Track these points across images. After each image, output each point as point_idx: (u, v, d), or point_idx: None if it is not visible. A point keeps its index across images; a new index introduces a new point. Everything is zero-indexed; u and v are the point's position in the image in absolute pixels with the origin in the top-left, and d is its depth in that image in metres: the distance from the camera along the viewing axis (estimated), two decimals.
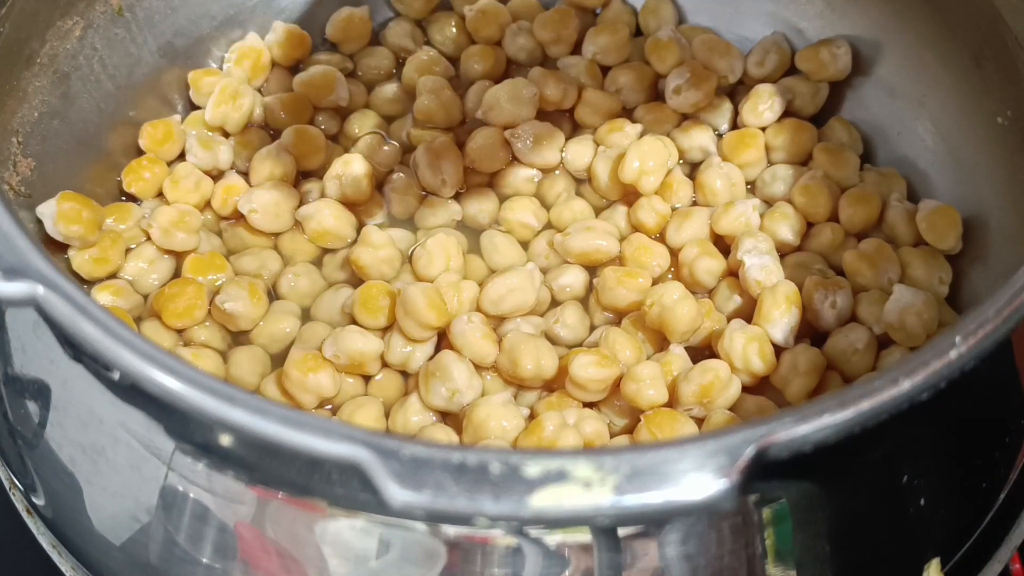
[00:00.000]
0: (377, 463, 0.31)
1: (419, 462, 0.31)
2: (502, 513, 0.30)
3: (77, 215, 0.52)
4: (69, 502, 0.42)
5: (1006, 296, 0.34)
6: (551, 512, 0.30)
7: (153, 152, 0.59)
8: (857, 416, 0.32)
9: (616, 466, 0.31)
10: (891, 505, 0.38)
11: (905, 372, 0.33)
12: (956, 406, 0.39)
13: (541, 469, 0.31)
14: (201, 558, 0.39)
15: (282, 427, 0.31)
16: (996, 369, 0.41)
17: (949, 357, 0.33)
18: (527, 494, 0.30)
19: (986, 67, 0.54)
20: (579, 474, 0.31)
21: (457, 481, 0.30)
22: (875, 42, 0.60)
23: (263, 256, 0.57)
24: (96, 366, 0.39)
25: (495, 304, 0.53)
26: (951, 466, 0.40)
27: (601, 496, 0.30)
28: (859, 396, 0.32)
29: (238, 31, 0.63)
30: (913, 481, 0.38)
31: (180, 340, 0.54)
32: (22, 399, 0.43)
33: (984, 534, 0.43)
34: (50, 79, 0.54)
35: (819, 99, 0.61)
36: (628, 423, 0.51)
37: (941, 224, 0.55)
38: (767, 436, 0.31)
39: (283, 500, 0.37)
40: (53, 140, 0.55)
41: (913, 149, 0.59)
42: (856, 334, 0.52)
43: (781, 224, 0.56)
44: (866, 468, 0.37)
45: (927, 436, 0.38)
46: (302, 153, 0.59)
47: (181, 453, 0.38)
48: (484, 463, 0.31)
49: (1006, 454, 0.42)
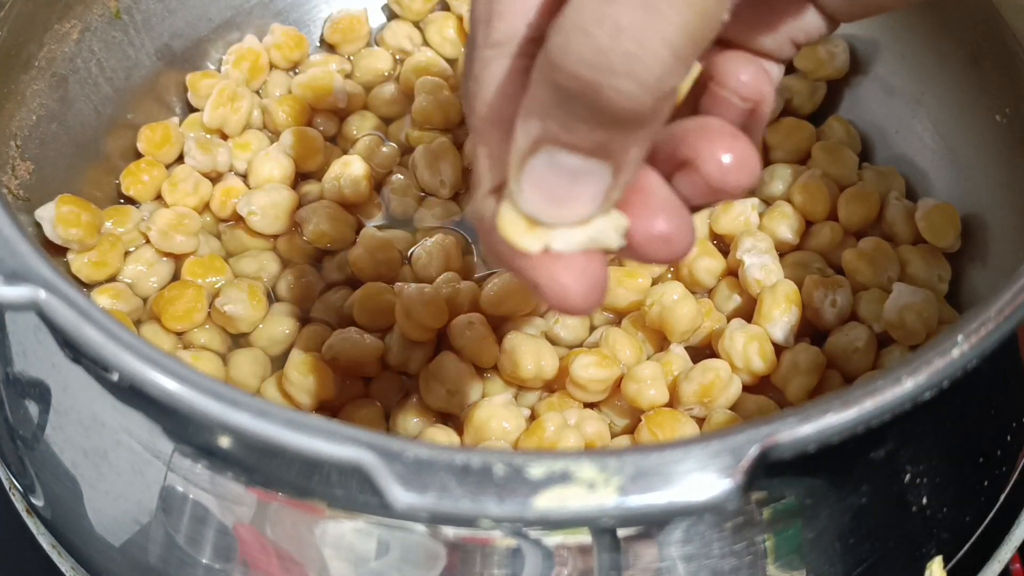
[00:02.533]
0: (381, 465, 0.31)
1: (423, 464, 0.31)
2: (506, 515, 0.30)
3: (76, 218, 0.52)
4: (68, 504, 0.42)
5: (1009, 294, 0.34)
6: (555, 513, 0.30)
7: (151, 155, 0.58)
8: (860, 416, 0.32)
9: (620, 467, 0.31)
10: (894, 504, 0.38)
11: (908, 371, 0.33)
12: (959, 404, 0.39)
13: (545, 471, 0.31)
14: (201, 559, 0.39)
15: (285, 430, 0.31)
16: (998, 367, 0.41)
17: (952, 356, 0.33)
18: (531, 496, 0.30)
19: (984, 65, 0.54)
20: (583, 475, 0.31)
21: (461, 483, 0.30)
22: (873, 40, 0.60)
23: (262, 258, 0.57)
24: (96, 368, 0.39)
25: (495, 305, 0.53)
26: (954, 464, 0.40)
27: (605, 497, 0.30)
28: (862, 396, 0.32)
29: (236, 33, 0.63)
30: (916, 480, 0.38)
31: (180, 343, 0.54)
32: (22, 400, 0.43)
33: (985, 533, 0.43)
34: (48, 82, 0.54)
35: (817, 98, 0.61)
36: (629, 423, 0.51)
37: (940, 222, 0.55)
38: (771, 436, 0.31)
39: (283, 502, 0.37)
40: (51, 143, 0.55)
41: (912, 147, 0.59)
42: (856, 332, 0.52)
43: (780, 223, 0.56)
44: (869, 467, 0.37)
45: (930, 435, 0.38)
46: (301, 155, 0.59)
47: (180, 455, 0.38)
48: (488, 465, 0.31)
49: (1008, 452, 0.42)
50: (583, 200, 0.29)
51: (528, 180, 0.29)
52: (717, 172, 0.31)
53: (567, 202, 0.29)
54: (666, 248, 0.31)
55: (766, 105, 0.33)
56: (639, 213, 0.31)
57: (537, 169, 0.29)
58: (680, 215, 0.31)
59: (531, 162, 0.29)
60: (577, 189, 0.29)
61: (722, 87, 0.33)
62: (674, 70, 0.27)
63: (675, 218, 0.31)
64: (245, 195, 0.57)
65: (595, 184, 0.29)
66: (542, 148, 0.29)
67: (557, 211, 0.29)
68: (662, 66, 0.26)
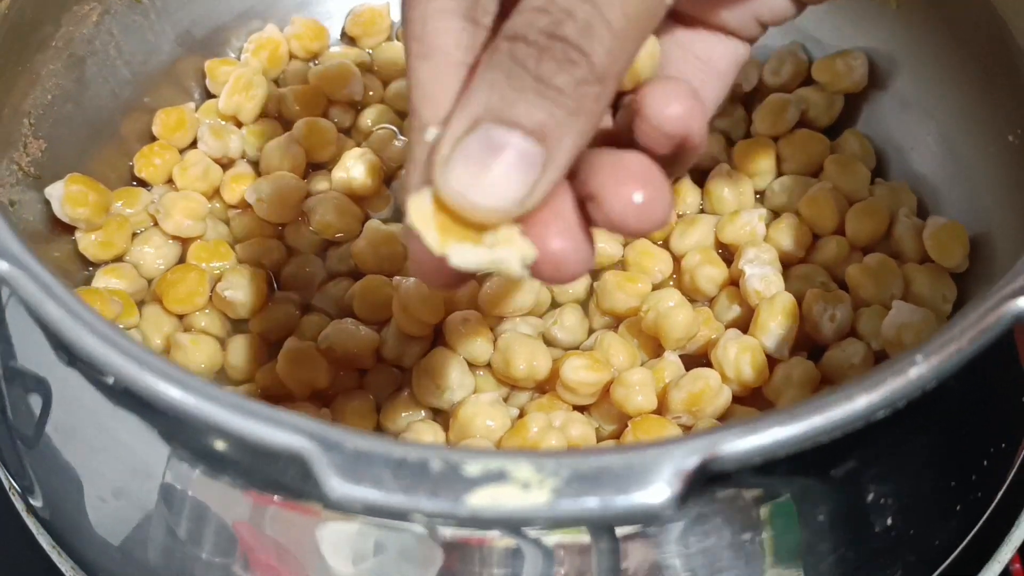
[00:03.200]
0: (320, 454, 0.31)
1: (361, 455, 0.31)
2: (438, 511, 0.30)
3: (84, 198, 0.53)
4: (68, 504, 0.43)
5: (973, 316, 0.34)
6: (487, 512, 0.30)
7: (165, 139, 0.59)
8: (809, 431, 0.32)
9: (556, 469, 0.30)
10: (856, 523, 0.38)
11: (862, 389, 0.32)
12: (927, 425, 0.38)
13: (481, 468, 0.31)
14: (200, 557, 0.39)
15: (229, 413, 0.32)
16: (972, 391, 0.40)
17: (908, 376, 0.33)
18: (465, 493, 0.30)
19: (998, 84, 0.53)
20: (519, 475, 0.30)
21: (396, 476, 0.30)
22: (891, 56, 0.59)
23: (268, 245, 0.57)
24: (92, 371, 0.39)
25: (493, 303, 0.53)
26: (922, 487, 0.39)
27: (538, 499, 0.30)
28: (811, 411, 0.32)
29: (257, 22, 0.64)
30: (880, 500, 0.38)
31: (181, 326, 0.55)
32: (21, 401, 0.44)
33: (982, 535, 0.42)
34: (64, 63, 0.55)
35: (834, 111, 0.61)
36: (616, 428, 0.51)
37: (947, 241, 0.54)
38: (713, 448, 0.31)
39: (279, 504, 0.37)
40: (65, 123, 0.55)
41: (926, 165, 0.58)
42: (853, 349, 0.51)
43: (786, 235, 0.56)
44: (829, 485, 0.37)
45: (896, 455, 0.38)
46: (312, 145, 0.59)
47: (177, 458, 0.38)
48: (425, 460, 0.31)
49: (986, 477, 0.41)
50: (510, 183, 0.30)
51: (459, 156, 0.30)
52: (620, 213, 0.31)
53: (494, 184, 0.30)
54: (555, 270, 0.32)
55: (694, 140, 0.33)
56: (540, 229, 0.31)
57: (471, 146, 0.30)
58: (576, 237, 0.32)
59: (466, 140, 0.30)
60: (506, 170, 0.30)
61: (646, 119, 0.33)
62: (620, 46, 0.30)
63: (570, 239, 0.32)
64: (254, 183, 0.57)
65: (525, 169, 0.30)
66: (480, 126, 0.30)
67: (481, 190, 0.30)
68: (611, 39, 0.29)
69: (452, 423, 0.50)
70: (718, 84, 0.41)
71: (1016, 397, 0.42)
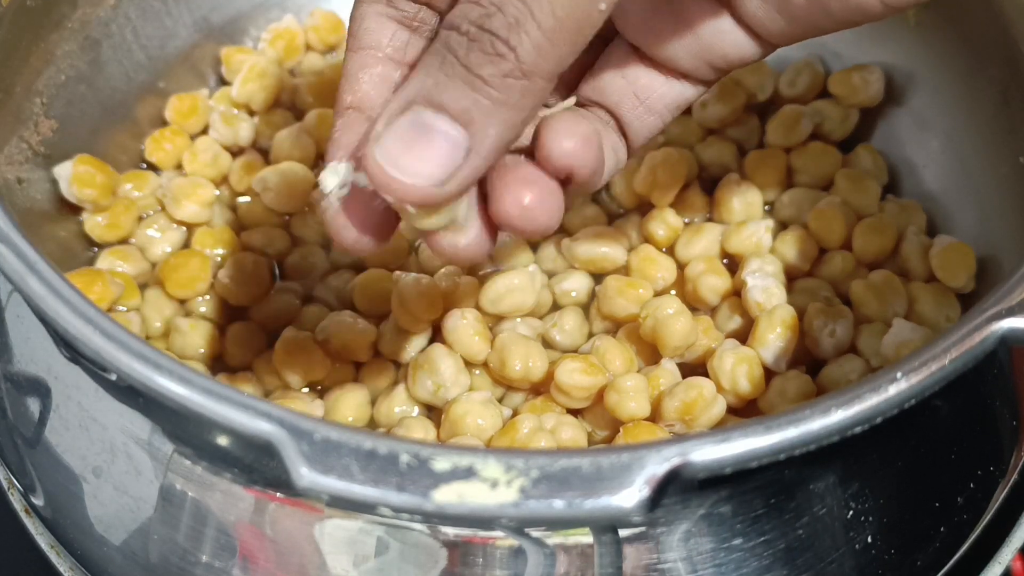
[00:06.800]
0: (289, 442, 0.31)
1: (330, 445, 0.31)
2: (405, 505, 0.30)
3: (91, 179, 0.54)
4: (69, 502, 0.43)
5: (956, 336, 0.33)
6: (454, 508, 0.30)
7: (177, 124, 0.60)
8: (782, 443, 0.31)
9: (525, 469, 0.30)
10: (835, 538, 0.37)
11: (839, 403, 0.32)
12: (913, 445, 0.38)
13: (450, 464, 0.31)
14: (201, 557, 0.39)
15: (202, 397, 0.32)
16: (961, 412, 0.39)
17: (887, 392, 0.32)
18: (432, 488, 0.30)
19: (1013, 105, 0.52)
20: (487, 473, 0.30)
21: (364, 468, 0.30)
22: (908, 72, 0.59)
23: (273, 234, 0.57)
24: (94, 368, 0.39)
25: (493, 303, 0.53)
26: (905, 506, 0.39)
27: (505, 497, 0.30)
28: (786, 423, 0.32)
29: (276, 12, 0.64)
30: (861, 517, 0.37)
31: (182, 310, 0.55)
32: (22, 400, 0.44)
33: (985, 535, 0.42)
34: (79, 44, 0.56)
35: (848, 124, 0.60)
36: (609, 434, 0.50)
37: (954, 261, 0.53)
38: (684, 454, 0.31)
39: (281, 501, 0.37)
40: (78, 104, 0.56)
41: (938, 183, 0.58)
42: (851, 365, 0.51)
43: (792, 247, 0.55)
44: (806, 498, 0.36)
45: (878, 472, 0.37)
46: (323, 136, 0.59)
47: (180, 455, 0.38)
48: (394, 453, 0.31)
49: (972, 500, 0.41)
50: (432, 163, 0.32)
51: (390, 133, 0.32)
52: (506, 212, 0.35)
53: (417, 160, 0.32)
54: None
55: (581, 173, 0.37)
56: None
57: (402, 124, 0.32)
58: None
59: (399, 119, 0.33)
60: (429, 150, 0.32)
61: (540, 146, 0.36)
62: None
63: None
64: (262, 172, 0.58)
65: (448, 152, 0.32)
66: (412, 107, 0.32)
67: (403, 167, 0.32)
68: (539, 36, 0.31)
69: (443, 420, 0.49)
70: (651, 120, 0.42)
71: (1008, 420, 0.42)
